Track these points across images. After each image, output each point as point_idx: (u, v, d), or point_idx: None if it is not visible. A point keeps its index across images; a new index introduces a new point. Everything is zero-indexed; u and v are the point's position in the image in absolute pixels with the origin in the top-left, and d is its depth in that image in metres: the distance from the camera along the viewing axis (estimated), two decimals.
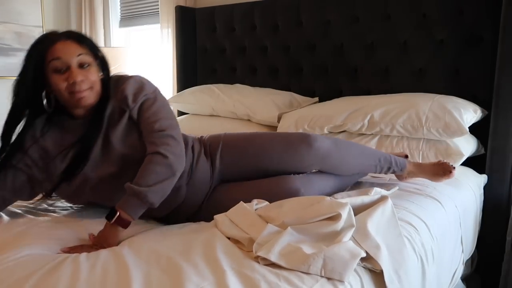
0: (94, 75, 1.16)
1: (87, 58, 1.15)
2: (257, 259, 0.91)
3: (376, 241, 0.99)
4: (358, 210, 1.13)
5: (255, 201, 1.17)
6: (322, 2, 2.35)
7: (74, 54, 1.12)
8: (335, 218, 1.01)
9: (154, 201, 1.09)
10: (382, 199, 1.18)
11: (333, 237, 0.98)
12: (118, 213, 1.06)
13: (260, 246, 0.94)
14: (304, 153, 1.30)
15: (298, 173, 1.32)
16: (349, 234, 0.98)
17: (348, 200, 1.10)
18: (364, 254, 0.94)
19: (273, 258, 0.89)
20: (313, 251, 0.90)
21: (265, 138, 1.38)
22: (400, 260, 1.00)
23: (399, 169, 1.49)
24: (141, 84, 1.22)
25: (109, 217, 1.07)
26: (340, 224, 0.99)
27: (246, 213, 1.08)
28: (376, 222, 1.07)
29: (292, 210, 1.07)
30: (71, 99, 1.14)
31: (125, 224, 1.07)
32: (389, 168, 1.47)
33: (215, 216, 1.12)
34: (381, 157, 1.45)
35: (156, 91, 1.24)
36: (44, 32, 1.18)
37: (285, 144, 1.32)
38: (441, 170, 1.49)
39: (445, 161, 1.54)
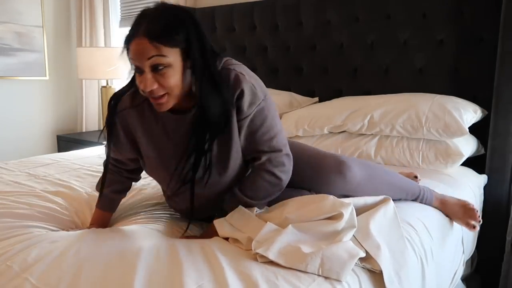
0: (170, 79, 0.98)
1: (162, 59, 0.96)
2: (255, 256, 0.91)
3: (377, 241, 0.99)
4: (360, 210, 1.13)
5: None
6: (322, 2, 2.35)
7: (145, 57, 0.96)
8: (337, 217, 1.01)
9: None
10: (384, 200, 1.18)
11: (334, 236, 0.98)
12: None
13: (259, 244, 0.94)
14: (336, 184, 1.20)
15: None
16: (349, 234, 0.98)
17: (351, 200, 1.10)
18: (363, 254, 0.94)
19: (271, 256, 0.89)
20: (311, 250, 0.90)
21: (299, 156, 1.25)
22: (401, 262, 1.00)
23: (423, 203, 1.40)
24: (253, 92, 1.07)
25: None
26: (342, 223, 0.99)
27: (246, 217, 1.08)
28: (378, 222, 1.07)
29: (294, 207, 1.07)
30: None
31: None
32: (413, 200, 1.40)
33: (214, 221, 1.11)
34: (409, 191, 1.37)
35: (266, 97, 1.10)
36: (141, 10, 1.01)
37: (317, 169, 1.22)
38: (466, 216, 1.36)
39: (472, 207, 1.38)
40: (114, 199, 1.28)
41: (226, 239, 1.04)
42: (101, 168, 1.79)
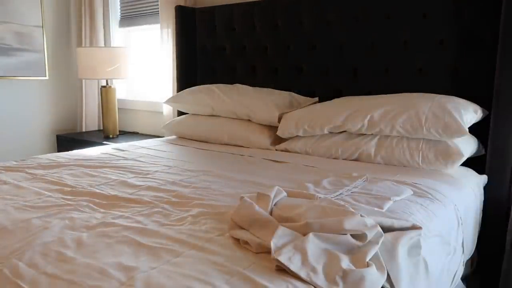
0: None
1: None
2: (266, 258, 0.92)
3: (401, 264, 0.98)
4: (385, 231, 1.08)
5: (275, 189, 1.18)
6: (322, 2, 2.35)
7: None
8: (360, 238, 0.99)
9: None
10: (413, 227, 1.11)
11: (357, 250, 0.96)
12: None
13: (278, 248, 0.93)
14: None
15: None
16: (373, 251, 0.97)
17: (379, 220, 1.07)
18: (384, 278, 0.93)
19: (293, 267, 0.88)
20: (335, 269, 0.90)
21: None
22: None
23: None
24: None
25: None
26: (365, 244, 0.98)
27: (252, 216, 1.08)
28: (403, 245, 1.05)
29: (315, 214, 1.07)
30: None
31: None
32: None
33: (231, 217, 1.12)
34: None
35: None
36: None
37: None
38: None
39: None
40: None
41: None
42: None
